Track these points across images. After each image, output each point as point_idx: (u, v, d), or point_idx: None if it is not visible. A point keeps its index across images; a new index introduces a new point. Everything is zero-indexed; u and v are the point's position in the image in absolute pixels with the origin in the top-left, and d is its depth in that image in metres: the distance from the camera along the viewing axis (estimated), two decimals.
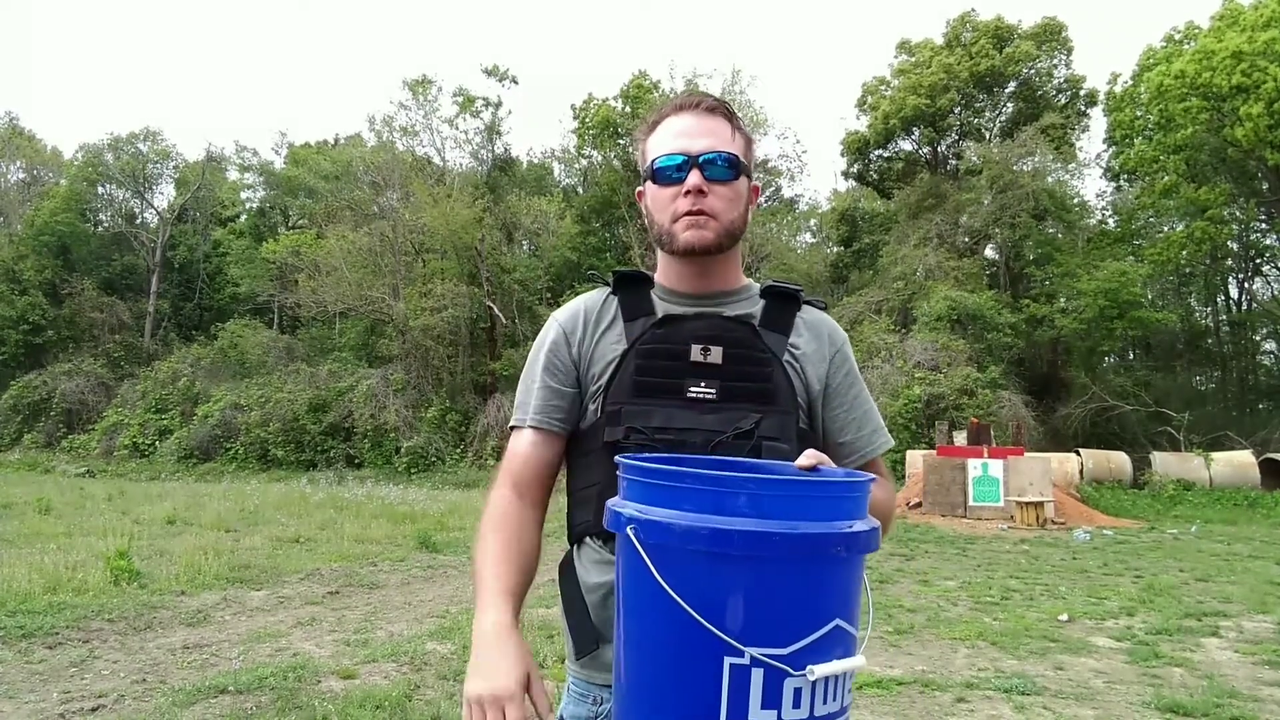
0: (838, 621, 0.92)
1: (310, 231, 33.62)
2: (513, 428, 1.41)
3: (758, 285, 1.43)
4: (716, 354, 1.29)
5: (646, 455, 1.09)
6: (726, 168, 1.31)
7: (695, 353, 1.30)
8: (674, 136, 1.32)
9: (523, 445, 1.37)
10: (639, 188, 1.42)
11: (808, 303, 1.42)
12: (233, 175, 44.12)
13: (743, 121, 1.38)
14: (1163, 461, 20.42)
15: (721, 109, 1.35)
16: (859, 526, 0.93)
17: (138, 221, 43.06)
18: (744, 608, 0.88)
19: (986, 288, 27.82)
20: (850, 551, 0.92)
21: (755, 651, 0.88)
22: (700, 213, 1.30)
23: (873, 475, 1.00)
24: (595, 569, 1.31)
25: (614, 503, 1.01)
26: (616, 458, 1.03)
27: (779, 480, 0.91)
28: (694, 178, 1.29)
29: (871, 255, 32.61)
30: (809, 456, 1.09)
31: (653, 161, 1.34)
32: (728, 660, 0.88)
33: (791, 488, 0.91)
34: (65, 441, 31.89)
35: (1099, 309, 25.39)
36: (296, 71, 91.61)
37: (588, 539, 1.33)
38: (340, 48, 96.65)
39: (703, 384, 1.28)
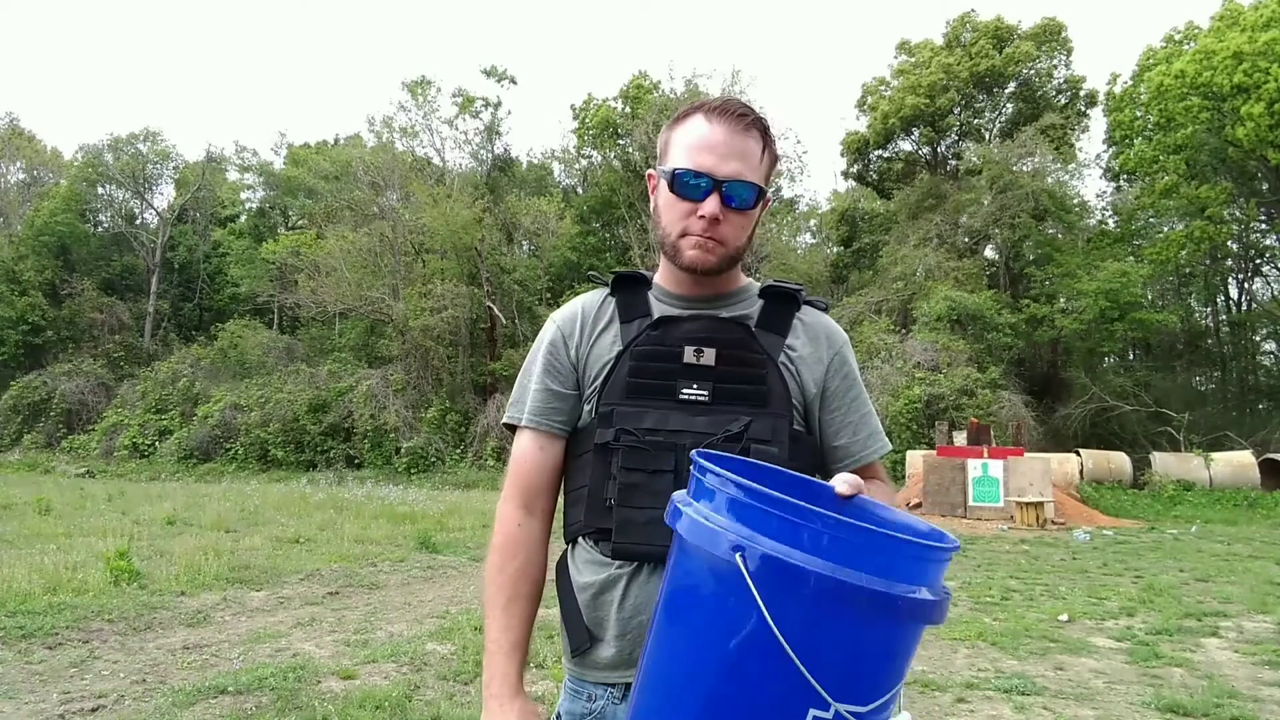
0: (902, 681, 0.92)
1: (310, 232, 33.65)
2: (509, 426, 1.41)
3: (757, 285, 1.41)
4: (709, 355, 1.29)
5: (740, 465, 1.04)
6: (748, 197, 1.28)
7: (688, 354, 1.29)
8: (702, 149, 1.27)
9: (530, 451, 1.37)
10: (650, 171, 1.40)
11: (808, 303, 1.41)
12: (232, 175, 44.19)
13: (773, 138, 1.34)
14: (1163, 462, 20.42)
15: (759, 125, 1.31)
16: (945, 592, 0.94)
17: (137, 222, 43.11)
18: (841, 663, 0.86)
19: (986, 288, 27.82)
20: (942, 618, 0.91)
21: (842, 707, 0.85)
22: (711, 238, 1.28)
23: (957, 544, 0.97)
24: (587, 569, 1.31)
25: (691, 505, 0.94)
26: (694, 454, 0.98)
27: (907, 542, 0.88)
28: (712, 204, 1.26)
29: (871, 255, 32.62)
30: (848, 485, 1.06)
31: (674, 170, 1.29)
32: (812, 712, 0.85)
33: (919, 550, 0.89)
34: (65, 442, 31.91)
35: (1099, 309, 25.40)
36: (296, 72, 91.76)
37: (580, 539, 1.33)
38: (340, 48, 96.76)
39: (695, 386, 1.28)
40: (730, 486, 0.90)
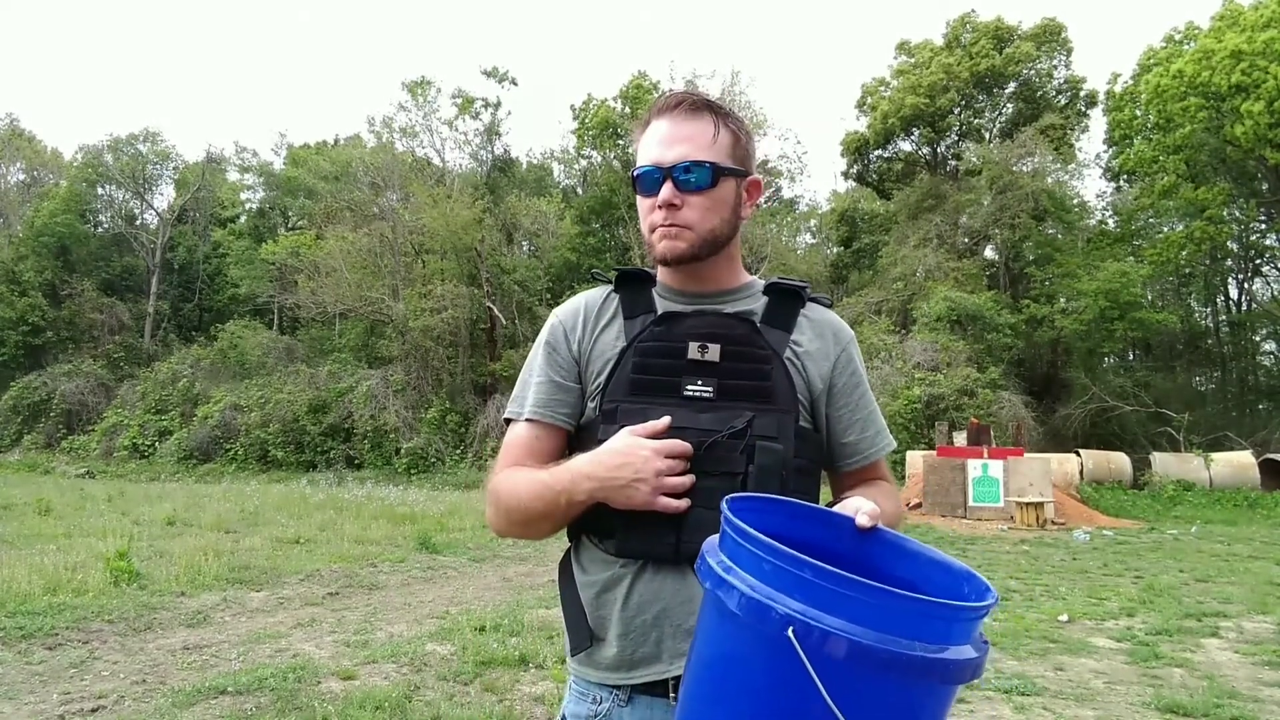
0: None
1: (310, 232, 33.64)
2: (507, 420, 1.40)
3: (762, 282, 1.41)
4: (714, 352, 1.28)
5: (767, 506, 1.04)
6: (701, 177, 1.29)
7: (693, 350, 1.28)
8: (651, 146, 1.32)
9: (524, 438, 1.36)
10: None
11: (813, 300, 1.40)
12: (232, 176, 44.17)
13: (733, 116, 1.35)
14: (1163, 462, 20.42)
15: (706, 107, 1.32)
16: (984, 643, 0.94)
17: (137, 222, 43.09)
18: None
19: (986, 288, 27.81)
20: (982, 673, 0.92)
21: None
22: (673, 225, 1.30)
23: (996, 598, 0.96)
24: (591, 567, 1.31)
25: (734, 572, 0.90)
26: (725, 506, 0.97)
27: (956, 607, 0.88)
28: (665, 191, 1.29)
29: (871, 256, 32.63)
30: (869, 517, 1.06)
31: (632, 174, 1.35)
32: None
33: (967, 613, 0.89)
34: (65, 442, 31.89)
35: (1099, 310, 25.39)
36: (296, 72, 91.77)
37: (584, 537, 1.32)
38: (340, 48, 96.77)
39: (699, 382, 1.27)
40: (772, 556, 0.88)
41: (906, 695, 0.86)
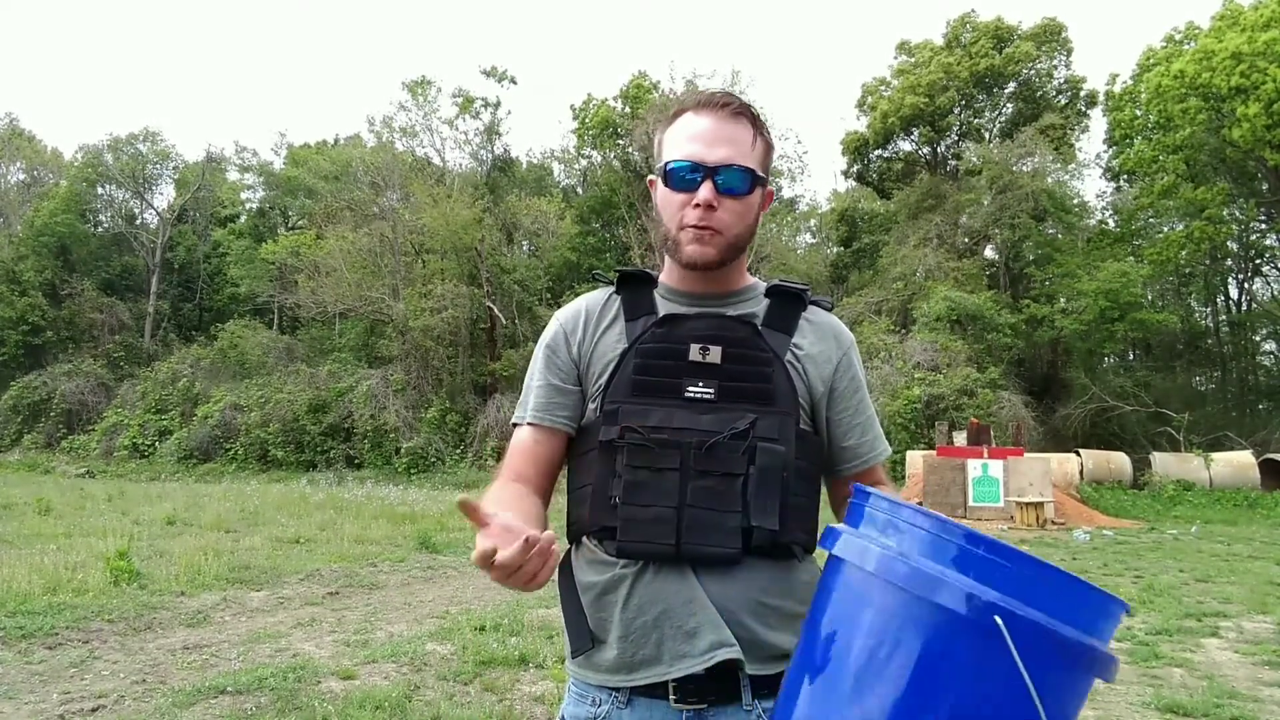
0: None
1: (310, 232, 33.62)
2: (513, 425, 1.42)
3: (763, 284, 1.41)
4: (715, 354, 1.28)
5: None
6: (741, 182, 1.28)
7: (694, 352, 1.29)
8: (691, 139, 1.28)
9: (526, 442, 1.37)
10: (651, 176, 1.39)
11: (814, 302, 1.40)
12: (232, 176, 44.11)
13: (765, 125, 1.34)
14: (1163, 462, 20.42)
15: (746, 113, 1.31)
16: None
17: (137, 222, 43.06)
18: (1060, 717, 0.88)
19: (986, 288, 27.80)
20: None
21: None
22: (707, 228, 1.28)
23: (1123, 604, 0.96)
24: (591, 568, 1.30)
25: (913, 558, 0.91)
26: (870, 493, 0.98)
27: (1118, 601, 0.90)
28: (705, 191, 1.26)
29: (871, 256, 32.63)
30: None
31: (666, 163, 1.30)
32: None
33: (1122, 610, 0.92)
34: (65, 442, 31.89)
35: (1099, 310, 25.38)
36: (296, 72, 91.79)
37: (584, 538, 1.32)
38: (340, 48, 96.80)
39: (701, 384, 1.27)
40: (959, 538, 0.88)
41: (1077, 686, 0.88)
